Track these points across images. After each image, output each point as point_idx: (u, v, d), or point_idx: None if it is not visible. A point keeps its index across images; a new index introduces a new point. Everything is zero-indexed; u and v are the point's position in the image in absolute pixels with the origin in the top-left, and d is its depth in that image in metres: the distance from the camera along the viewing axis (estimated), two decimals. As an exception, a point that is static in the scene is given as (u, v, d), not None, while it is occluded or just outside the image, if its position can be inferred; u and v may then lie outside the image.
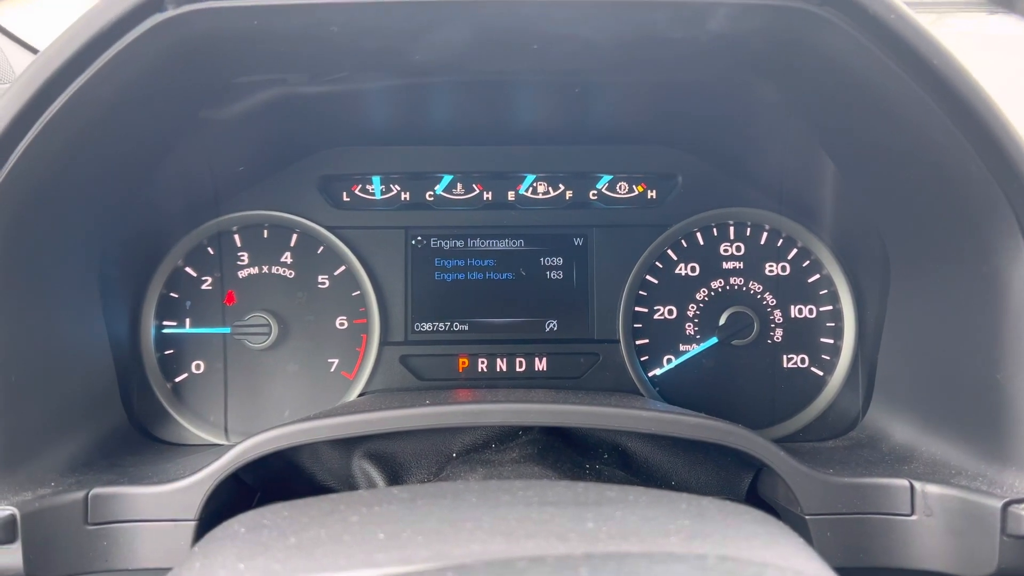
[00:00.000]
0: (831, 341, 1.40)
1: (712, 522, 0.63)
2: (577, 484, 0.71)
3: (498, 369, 1.40)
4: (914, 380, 1.13)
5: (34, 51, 1.70)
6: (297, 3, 0.78)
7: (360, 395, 1.37)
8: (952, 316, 1.00)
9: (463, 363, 1.40)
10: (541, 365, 1.41)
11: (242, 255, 1.39)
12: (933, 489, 0.91)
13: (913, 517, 0.92)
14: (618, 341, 1.40)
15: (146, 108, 0.96)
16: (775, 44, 0.88)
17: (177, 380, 1.36)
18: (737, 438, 0.96)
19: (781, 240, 1.42)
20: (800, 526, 0.93)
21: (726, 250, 1.42)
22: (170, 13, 0.79)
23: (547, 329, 1.42)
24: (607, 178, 1.44)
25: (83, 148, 0.91)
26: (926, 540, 0.91)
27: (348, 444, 1.08)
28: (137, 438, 1.25)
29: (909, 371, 1.15)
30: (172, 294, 1.37)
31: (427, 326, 1.41)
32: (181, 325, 1.37)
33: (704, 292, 1.41)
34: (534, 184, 1.44)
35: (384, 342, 1.39)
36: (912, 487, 0.92)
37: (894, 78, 0.83)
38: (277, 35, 0.85)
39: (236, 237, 1.39)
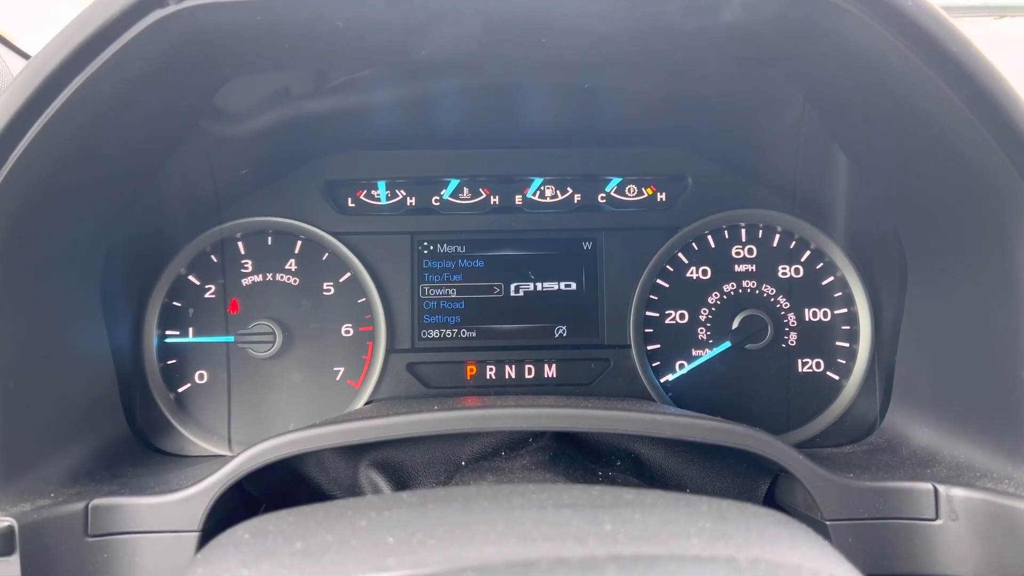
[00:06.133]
0: (847, 344, 1.37)
1: (734, 524, 0.61)
2: (593, 487, 0.69)
3: (507, 376, 1.38)
4: (934, 381, 1.10)
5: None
6: (301, -5, 0.77)
7: (366, 403, 1.34)
8: (972, 313, 0.98)
9: (471, 370, 1.38)
10: (551, 372, 1.38)
11: (246, 262, 1.37)
12: (958, 492, 0.88)
13: (938, 521, 0.89)
14: (629, 346, 1.37)
15: (146, 109, 0.94)
16: (789, 34, 0.86)
17: (180, 390, 1.34)
18: (755, 442, 0.93)
19: (794, 242, 1.40)
20: (820, 532, 0.90)
21: (738, 252, 1.40)
22: (171, 8, 0.78)
23: (556, 335, 1.39)
24: (616, 181, 1.42)
25: (83, 151, 0.90)
26: (951, 545, 0.88)
27: (355, 453, 1.05)
28: (139, 449, 1.23)
29: (928, 372, 1.12)
30: (175, 303, 1.35)
31: (434, 333, 1.38)
32: (184, 334, 1.35)
33: (716, 296, 1.39)
34: (542, 188, 1.42)
35: (390, 349, 1.37)
36: (936, 491, 0.90)
37: (912, 66, 0.81)
38: (281, 31, 0.84)
39: (240, 244, 1.37)
